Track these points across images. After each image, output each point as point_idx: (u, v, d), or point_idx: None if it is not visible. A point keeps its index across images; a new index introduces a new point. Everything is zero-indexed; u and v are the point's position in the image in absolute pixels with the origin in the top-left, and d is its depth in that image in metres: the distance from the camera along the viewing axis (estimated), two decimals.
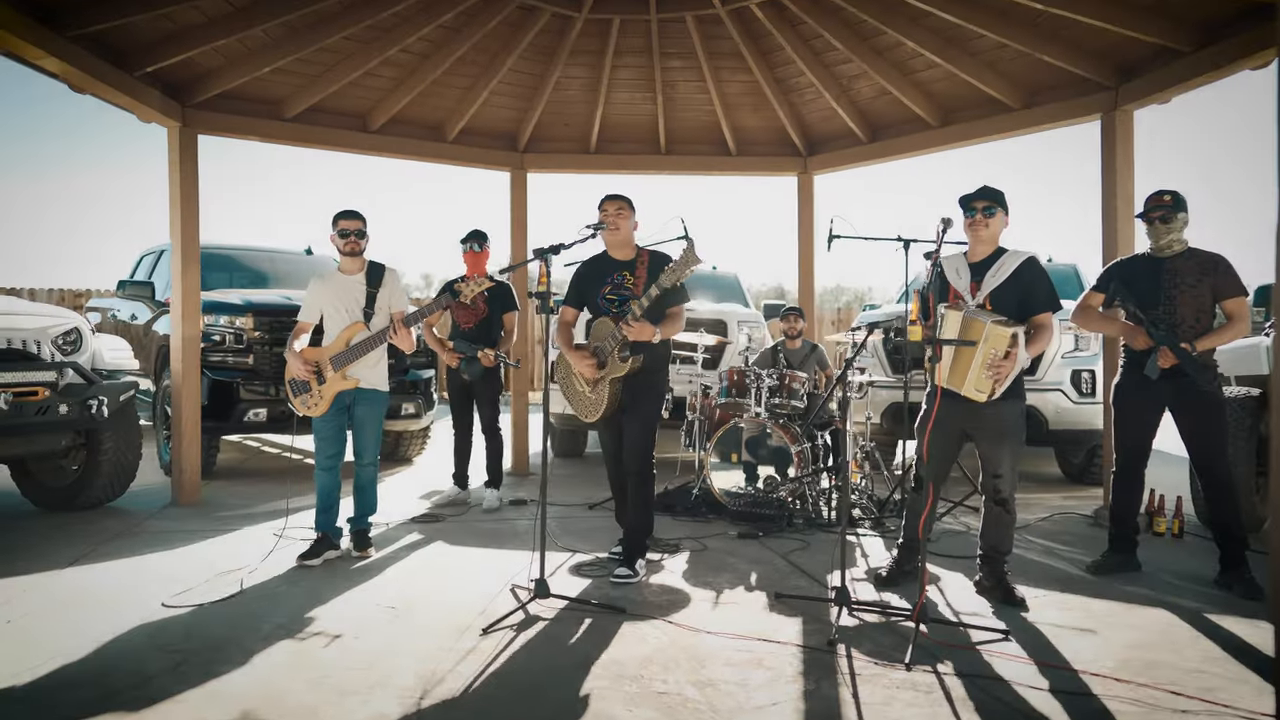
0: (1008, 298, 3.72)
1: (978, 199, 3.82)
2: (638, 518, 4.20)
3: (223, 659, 3.03)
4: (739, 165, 7.33)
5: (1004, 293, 3.73)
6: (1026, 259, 3.78)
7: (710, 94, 6.58)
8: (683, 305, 4.17)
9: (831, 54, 6.01)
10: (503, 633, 3.33)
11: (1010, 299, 3.72)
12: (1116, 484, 4.36)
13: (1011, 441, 3.80)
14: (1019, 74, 5.62)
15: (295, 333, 4.47)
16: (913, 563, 4.11)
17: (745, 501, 5.55)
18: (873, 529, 5.31)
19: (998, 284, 3.75)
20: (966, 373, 3.64)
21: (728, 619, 3.53)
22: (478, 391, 5.80)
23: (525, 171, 7.18)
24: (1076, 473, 7.01)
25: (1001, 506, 3.85)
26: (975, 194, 3.84)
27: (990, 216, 3.78)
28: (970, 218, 3.82)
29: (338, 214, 4.47)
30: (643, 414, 4.16)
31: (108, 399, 5.02)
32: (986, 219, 3.79)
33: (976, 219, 3.80)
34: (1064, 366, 6.49)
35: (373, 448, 4.51)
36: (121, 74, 5.04)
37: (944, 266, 3.91)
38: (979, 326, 3.58)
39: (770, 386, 5.85)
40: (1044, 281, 3.75)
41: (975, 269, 3.84)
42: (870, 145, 6.81)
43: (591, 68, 6.37)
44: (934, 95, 6.17)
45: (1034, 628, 3.46)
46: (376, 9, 5.15)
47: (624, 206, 4.15)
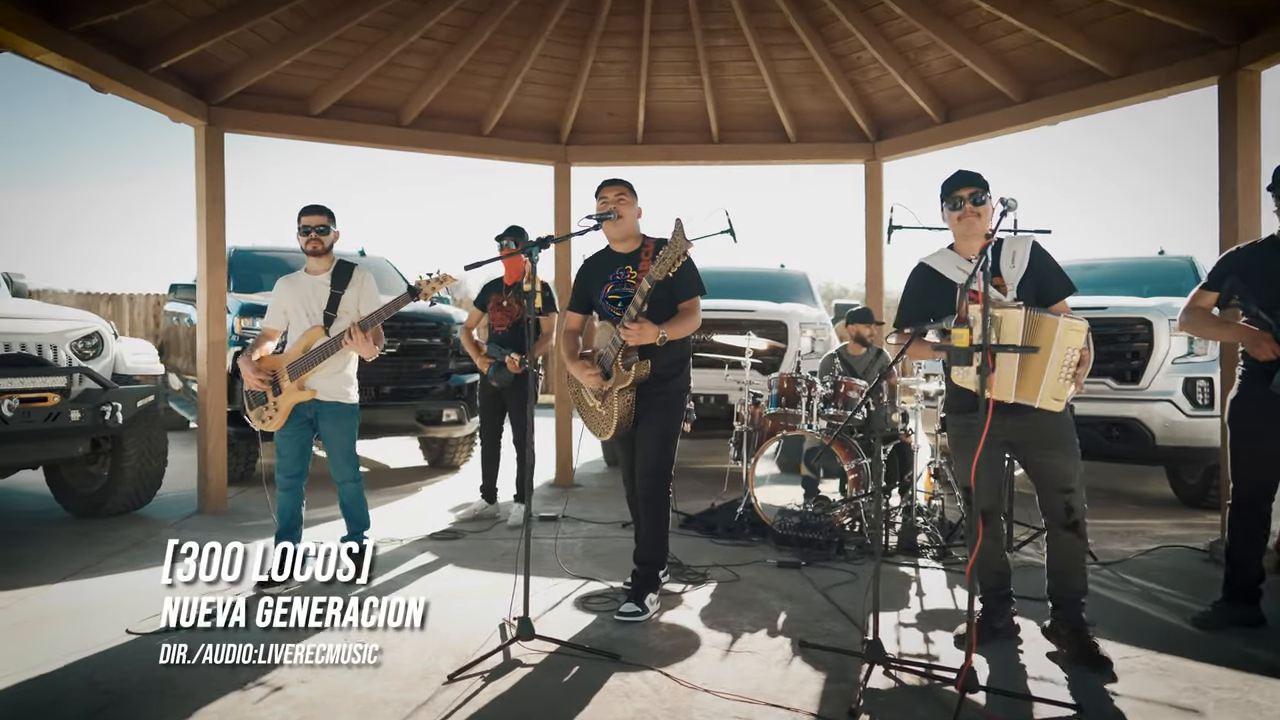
0: (1030, 288, 3.17)
1: (962, 186, 3.22)
2: (649, 550, 3.71)
3: (150, 707, 2.72)
4: (799, 153, 6.72)
5: (1027, 283, 3.17)
6: (1032, 243, 3.24)
7: (762, 74, 6.01)
8: (697, 298, 3.65)
9: (894, 23, 5.35)
10: (470, 680, 2.90)
11: (1030, 290, 3.17)
12: (1234, 519, 3.60)
13: (1074, 447, 3.19)
14: (1116, 36, 4.83)
15: (257, 341, 4.14)
16: (1004, 617, 3.40)
17: (794, 523, 4.97)
18: (937, 559, 4.64)
19: (1020, 275, 3.18)
20: (1040, 381, 3.00)
21: (736, 673, 3.01)
22: (509, 399, 5.42)
23: (569, 165, 6.77)
24: (1192, 496, 6.09)
25: (1074, 531, 3.17)
26: (956, 180, 3.25)
27: (980, 205, 3.20)
28: (958, 209, 3.23)
29: (301, 210, 4.10)
30: (656, 429, 3.66)
31: (123, 405, 4.87)
32: (977, 208, 3.20)
33: (966, 209, 3.21)
34: (1175, 374, 5.63)
35: (347, 464, 4.12)
36: (136, 71, 4.89)
37: (935, 265, 3.32)
38: (1049, 326, 2.94)
39: (824, 395, 5.26)
40: (1055, 264, 3.27)
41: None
42: (944, 126, 6.08)
43: (629, 50, 5.90)
44: (1015, 66, 5.42)
45: (1119, 704, 2.79)
46: None
47: (625, 192, 3.66)
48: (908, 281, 3.43)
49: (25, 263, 12.16)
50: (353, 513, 4.18)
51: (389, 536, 4.95)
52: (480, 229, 72.33)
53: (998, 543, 3.42)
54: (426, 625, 3.45)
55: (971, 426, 3.22)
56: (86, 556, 4.47)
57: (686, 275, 3.54)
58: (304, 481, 4.12)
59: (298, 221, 4.10)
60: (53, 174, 58.30)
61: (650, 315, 3.53)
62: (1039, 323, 2.97)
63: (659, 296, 3.52)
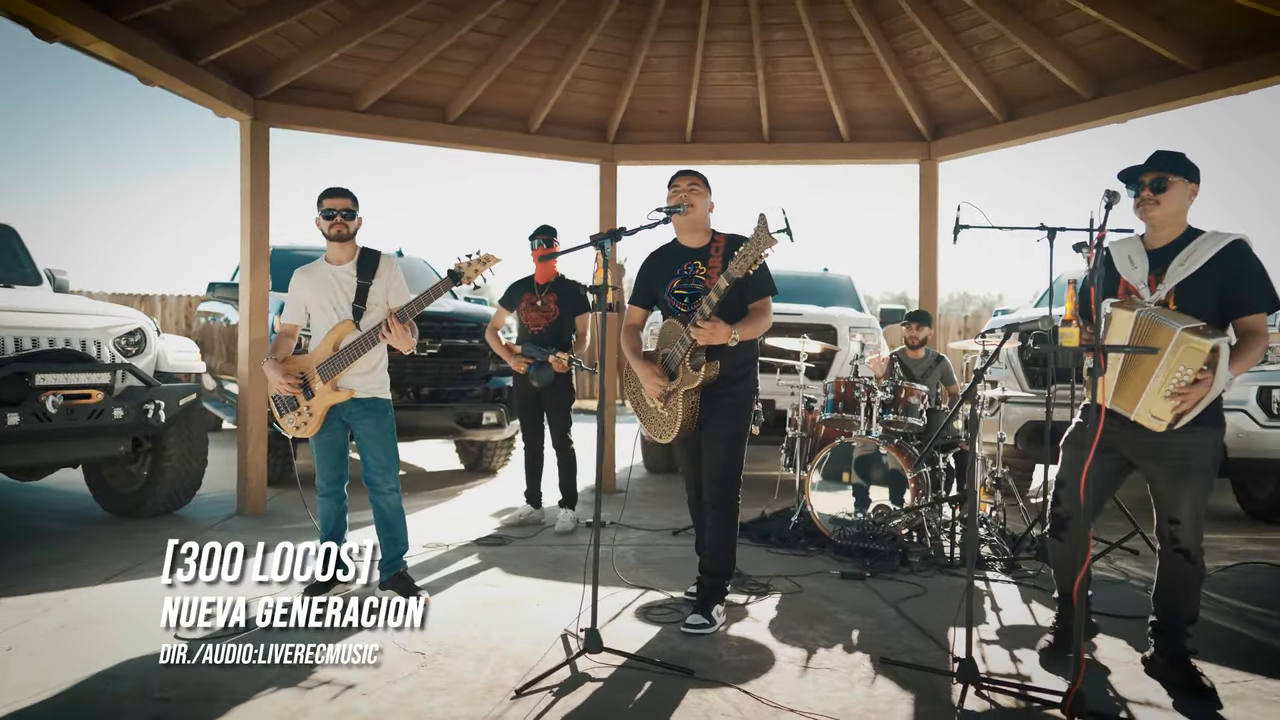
0: (1202, 294, 2.83)
1: (1145, 170, 2.94)
2: (717, 560, 3.54)
3: (205, 714, 2.58)
4: (852, 152, 6.53)
5: (1195, 287, 2.84)
6: (1231, 242, 2.86)
7: (819, 70, 5.84)
8: (768, 298, 3.48)
9: (962, 15, 5.16)
10: (539, 696, 2.74)
11: (1205, 296, 2.83)
12: None
13: (1200, 480, 2.91)
14: (1200, 26, 4.61)
15: (277, 340, 3.81)
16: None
17: (852, 533, 4.78)
18: (1004, 572, 4.43)
19: (1187, 275, 2.85)
20: (1140, 393, 2.80)
21: (819, 691, 2.82)
22: (548, 400, 5.27)
23: (615, 164, 6.63)
24: (1263, 510, 5.86)
25: (1183, 556, 2.95)
26: (1143, 164, 2.96)
27: (1160, 191, 2.89)
28: (1136, 195, 2.94)
29: (322, 193, 3.74)
30: (723, 433, 3.48)
31: (166, 403, 4.77)
32: (1156, 195, 2.89)
33: (1144, 196, 2.91)
34: (1248, 382, 5.39)
35: (389, 469, 3.73)
36: (185, 63, 4.81)
37: (1113, 253, 3.05)
38: (1164, 333, 2.72)
39: (884, 401, 5.07)
40: (1256, 270, 2.84)
41: (1155, 257, 2.95)
42: (1006, 124, 5.87)
43: (683, 44, 5.75)
44: (1085, 60, 5.21)
45: None
46: None
47: (698, 182, 3.49)
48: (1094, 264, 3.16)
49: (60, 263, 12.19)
50: (394, 529, 3.79)
51: (434, 541, 4.81)
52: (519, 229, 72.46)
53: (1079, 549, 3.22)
54: (484, 637, 3.31)
55: (1083, 426, 3.04)
56: (126, 558, 4.36)
57: (760, 274, 3.37)
58: (345, 484, 3.88)
59: (318, 205, 3.72)
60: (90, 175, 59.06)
61: (718, 314, 3.37)
62: (1154, 329, 2.77)
63: (728, 295, 3.35)
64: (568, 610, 3.59)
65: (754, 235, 3.16)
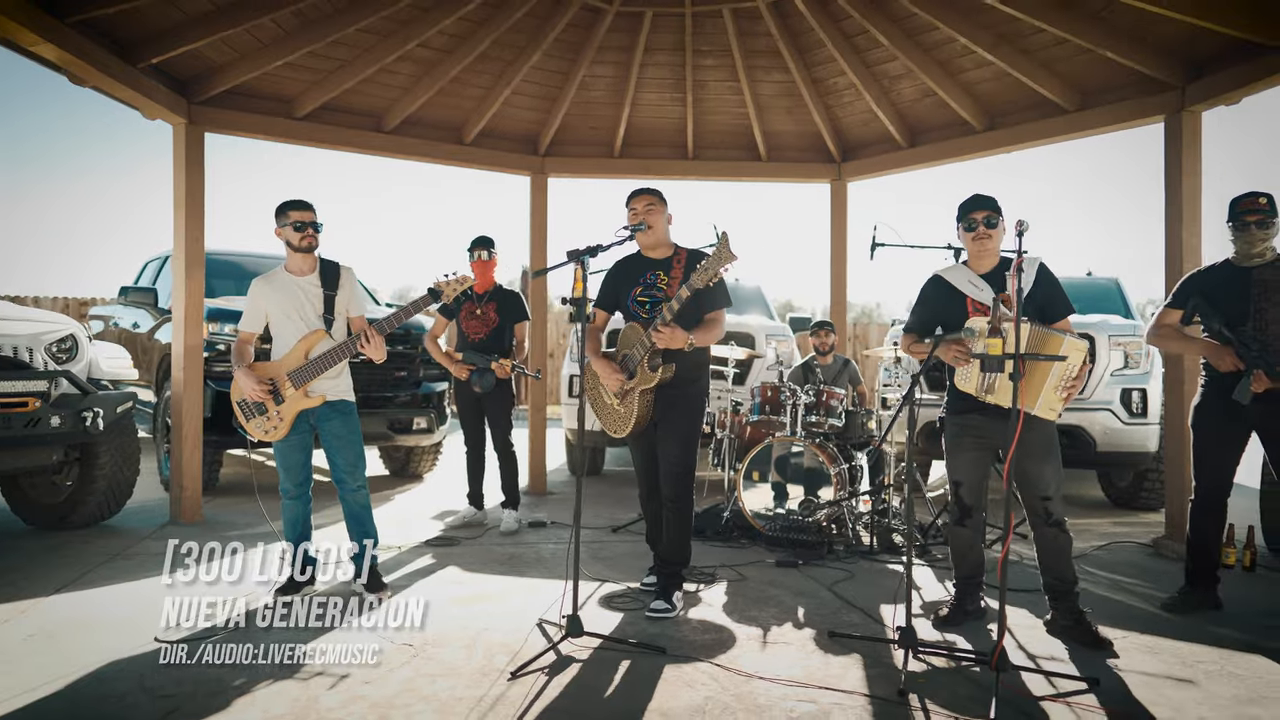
0: (1032, 306, 3.44)
1: (976, 209, 3.54)
2: (675, 549, 3.84)
3: (217, 707, 2.69)
4: (769, 171, 7.00)
5: (1029, 301, 3.43)
6: (1040, 264, 3.52)
7: (744, 94, 6.26)
8: (722, 310, 3.83)
9: (876, 51, 5.68)
10: (533, 677, 2.97)
11: (1034, 308, 3.44)
12: (1195, 515, 3.98)
13: (1056, 458, 3.52)
14: (1076, 73, 5.29)
15: (238, 346, 3.89)
16: (975, 600, 3.75)
17: (780, 525, 5.19)
18: (919, 557, 4.93)
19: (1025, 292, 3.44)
20: (1039, 391, 3.29)
21: (780, 661, 3.17)
22: (489, 406, 5.45)
23: (546, 176, 6.86)
24: (1123, 497, 6.63)
25: (1057, 528, 3.51)
26: (971, 204, 3.57)
27: (992, 227, 3.53)
28: (972, 230, 3.54)
29: (286, 204, 3.85)
30: (679, 433, 3.80)
31: (104, 410, 4.69)
32: (989, 230, 3.52)
33: (979, 231, 3.53)
34: (1113, 385, 6.13)
35: (356, 467, 3.91)
36: (125, 65, 4.74)
37: (949, 279, 3.61)
38: (1054, 340, 3.24)
39: (806, 404, 5.51)
40: (1059, 285, 3.56)
41: (988, 279, 3.53)
42: (909, 150, 6.47)
43: (619, 65, 6.05)
44: (981, 97, 5.84)
45: (1123, 677, 3.09)
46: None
47: (655, 201, 3.81)
48: (922, 290, 3.71)
49: None
50: (362, 523, 3.97)
51: (386, 544, 4.91)
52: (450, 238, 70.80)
53: (977, 534, 3.74)
54: (462, 628, 3.51)
55: (964, 427, 3.59)
56: (71, 569, 4.28)
57: (718, 287, 3.70)
58: (310, 486, 4.01)
59: (282, 217, 3.83)
60: None
61: (677, 321, 3.68)
62: (1045, 338, 3.28)
63: (687, 305, 3.67)
64: (537, 602, 3.84)
65: (716, 251, 3.49)
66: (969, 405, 3.51)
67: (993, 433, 3.48)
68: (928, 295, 3.68)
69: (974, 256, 3.60)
